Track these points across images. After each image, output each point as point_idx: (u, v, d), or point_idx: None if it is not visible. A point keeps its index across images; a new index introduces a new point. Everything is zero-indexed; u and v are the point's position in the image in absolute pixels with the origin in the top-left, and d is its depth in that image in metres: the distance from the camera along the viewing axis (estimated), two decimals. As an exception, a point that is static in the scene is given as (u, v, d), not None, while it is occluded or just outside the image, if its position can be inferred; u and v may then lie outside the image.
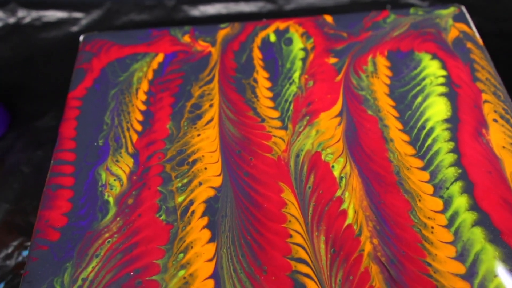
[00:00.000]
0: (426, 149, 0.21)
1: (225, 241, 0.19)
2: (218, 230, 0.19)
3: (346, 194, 0.20)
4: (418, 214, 0.19)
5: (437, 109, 0.23)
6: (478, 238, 0.19)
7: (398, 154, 0.21)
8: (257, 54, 0.26)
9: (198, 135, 0.22)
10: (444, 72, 0.24)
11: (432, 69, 0.24)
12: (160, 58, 0.26)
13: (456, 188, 0.20)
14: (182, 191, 0.21)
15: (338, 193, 0.20)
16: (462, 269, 0.18)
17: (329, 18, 0.27)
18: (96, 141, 0.23)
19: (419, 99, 0.23)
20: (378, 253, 0.18)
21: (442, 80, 0.24)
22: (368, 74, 0.24)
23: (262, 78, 0.25)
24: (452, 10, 0.27)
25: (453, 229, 0.19)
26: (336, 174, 0.21)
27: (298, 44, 0.26)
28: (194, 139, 0.22)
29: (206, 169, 0.21)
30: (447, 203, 0.20)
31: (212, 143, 0.22)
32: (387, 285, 0.18)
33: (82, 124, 0.23)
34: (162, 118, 0.23)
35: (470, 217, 0.19)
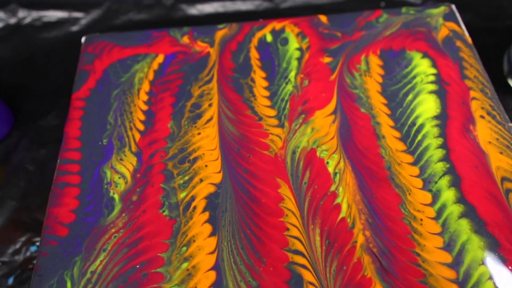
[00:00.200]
0: (416, 145, 0.22)
1: (225, 234, 0.20)
2: (218, 224, 0.20)
3: (340, 189, 0.21)
4: (408, 207, 0.20)
5: (427, 106, 0.24)
6: (464, 229, 0.20)
7: (390, 150, 0.22)
8: (254, 54, 0.27)
9: (199, 134, 0.23)
10: (434, 70, 0.25)
11: (422, 67, 0.25)
12: (160, 59, 0.26)
13: (444, 182, 0.21)
14: (184, 188, 0.22)
15: (333, 188, 0.21)
16: (449, 258, 0.19)
17: (323, 18, 0.28)
18: (100, 140, 0.23)
19: (410, 97, 0.24)
20: (370, 244, 0.20)
21: (432, 78, 0.25)
22: (361, 73, 0.25)
23: (259, 78, 0.25)
24: (442, 9, 0.28)
25: (441, 221, 0.20)
26: (330, 170, 0.22)
27: (293, 44, 0.27)
28: (194, 138, 0.23)
29: (206, 166, 0.22)
30: (436, 197, 0.21)
31: (212, 141, 0.23)
32: (379, 274, 0.19)
33: (87, 124, 0.24)
34: (163, 118, 0.24)
35: (457, 209, 0.20)
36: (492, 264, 0.19)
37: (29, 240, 0.28)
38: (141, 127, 0.24)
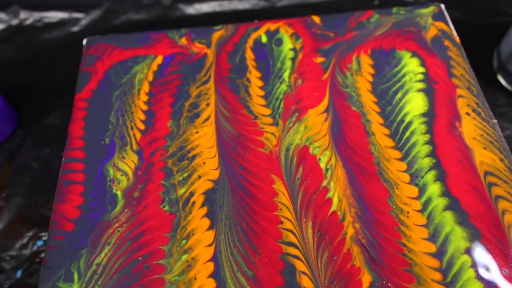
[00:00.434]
0: (404, 141, 0.24)
1: (223, 228, 0.21)
2: (216, 218, 0.22)
3: (332, 184, 0.22)
4: (396, 201, 0.22)
5: (415, 104, 0.25)
6: (448, 221, 0.21)
7: (379, 147, 0.23)
8: (249, 54, 0.28)
9: (197, 132, 0.24)
10: (422, 69, 0.26)
11: (411, 66, 0.26)
12: (159, 60, 0.28)
13: (430, 176, 0.22)
14: (183, 184, 0.23)
15: (324, 183, 0.22)
16: (433, 248, 0.20)
17: (316, 19, 0.29)
18: (103, 139, 0.25)
19: (399, 95, 0.25)
20: (359, 236, 0.21)
21: (421, 76, 0.26)
22: (352, 72, 0.26)
23: (255, 78, 0.26)
24: (431, 9, 0.29)
25: (426, 213, 0.21)
26: (322, 166, 0.23)
27: (288, 44, 0.28)
28: (192, 136, 0.24)
29: (204, 163, 0.23)
30: (422, 190, 0.22)
31: (209, 140, 0.24)
32: (367, 264, 0.20)
33: (89, 124, 0.25)
34: (162, 117, 0.25)
35: (442, 202, 0.21)
36: (473, 253, 0.20)
37: (35, 235, 0.29)
38: (141, 127, 0.25)
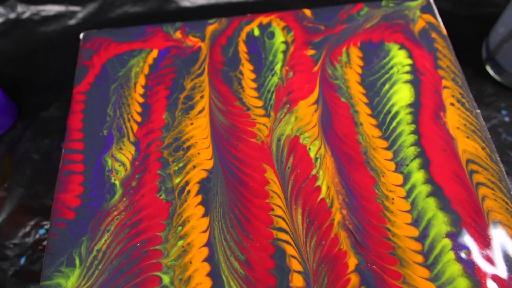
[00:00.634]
0: (391, 131, 0.24)
1: (216, 215, 0.22)
2: (210, 206, 0.23)
3: (321, 172, 0.23)
4: (381, 188, 0.23)
5: (402, 95, 0.26)
6: (431, 207, 0.22)
7: (366, 137, 0.24)
8: (242, 48, 0.28)
9: (191, 124, 0.25)
10: (410, 61, 0.27)
11: (399, 58, 0.27)
12: (154, 53, 0.28)
13: (415, 164, 0.23)
14: (179, 174, 0.24)
15: (314, 172, 0.23)
16: (416, 232, 0.21)
17: (308, 12, 0.30)
18: (101, 131, 0.25)
19: (387, 86, 0.26)
20: (346, 221, 0.22)
21: (408, 68, 0.27)
22: (342, 65, 0.27)
23: (247, 71, 0.27)
24: (420, 2, 0.30)
25: (410, 199, 0.22)
26: (312, 155, 0.24)
27: (279, 37, 0.29)
28: (187, 128, 0.25)
29: (199, 154, 0.24)
30: (407, 178, 0.23)
31: (203, 131, 0.25)
32: (353, 248, 0.21)
33: (88, 116, 0.26)
34: (158, 110, 0.26)
35: (425, 189, 0.22)
36: (454, 237, 0.21)
37: (37, 223, 0.30)
38: (138, 119, 0.26)
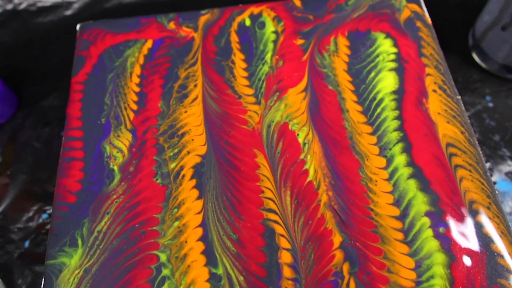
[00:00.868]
0: (376, 117, 0.26)
1: (210, 198, 0.24)
2: (204, 189, 0.24)
3: (308, 157, 0.25)
4: (366, 171, 0.24)
5: (387, 82, 0.27)
6: (411, 188, 0.23)
7: (352, 122, 0.26)
8: (234, 38, 0.29)
9: (185, 112, 0.27)
10: (395, 49, 0.28)
11: (385, 47, 0.28)
12: (149, 44, 0.29)
13: (397, 148, 0.25)
14: (174, 159, 0.25)
15: (302, 156, 0.25)
16: (397, 212, 0.23)
17: (297, 2, 0.31)
18: (99, 119, 0.27)
19: (372, 74, 0.27)
20: (332, 202, 0.23)
21: (393, 56, 0.28)
22: (330, 53, 0.28)
23: (239, 60, 0.28)
24: (406, -9, 0.31)
25: (392, 181, 0.24)
26: (300, 140, 0.25)
27: (270, 27, 0.30)
28: (182, 115, 0.26)
29: (193, 140, 0.26)
30: (389, 161, 0.24)
31: (197, 118, 0.26)
32: (338, 226, 0.22)
33: (86, 105, 0.27)
34: (154, 98, 0.27)
35: (407, 171, 0.24)
36: (432, 215, 0.22)
37: (40, 208, 0.32)
38: (134, 107, 0.27)
